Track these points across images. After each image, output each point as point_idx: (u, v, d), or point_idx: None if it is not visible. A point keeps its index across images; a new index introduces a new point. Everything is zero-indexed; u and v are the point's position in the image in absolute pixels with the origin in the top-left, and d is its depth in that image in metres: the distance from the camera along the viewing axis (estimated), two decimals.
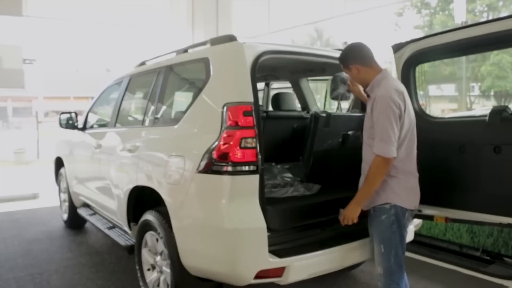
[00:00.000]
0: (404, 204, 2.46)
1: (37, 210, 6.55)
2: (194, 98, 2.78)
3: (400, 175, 2.44)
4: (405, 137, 2.41)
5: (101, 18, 10.25)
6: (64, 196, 5.33)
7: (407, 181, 2.48)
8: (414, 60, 2.96)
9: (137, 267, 3.17)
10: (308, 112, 4.32)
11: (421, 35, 6.27)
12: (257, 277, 2.35)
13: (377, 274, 2.55)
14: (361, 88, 2.82)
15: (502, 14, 14.70)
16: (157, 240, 2.87)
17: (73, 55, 34.56)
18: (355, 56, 2.52)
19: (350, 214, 2.48)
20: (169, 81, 3.25)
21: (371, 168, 2.36)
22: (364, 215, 2.92)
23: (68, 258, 4.24)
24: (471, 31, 2.61)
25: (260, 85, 5.21)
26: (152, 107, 3.34)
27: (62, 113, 4.82)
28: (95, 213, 4.51)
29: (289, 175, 3.31)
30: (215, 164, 2.36)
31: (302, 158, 3.30)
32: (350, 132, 3.20)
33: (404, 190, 2.47)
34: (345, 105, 4.15)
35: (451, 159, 2.79)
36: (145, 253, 3.07)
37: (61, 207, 5.56)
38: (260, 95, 5.18)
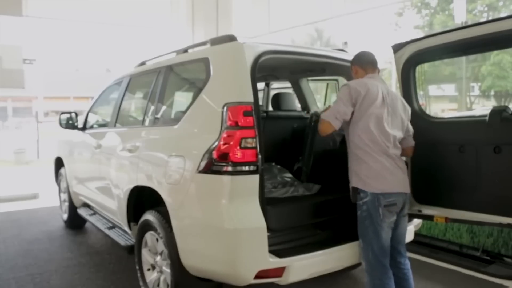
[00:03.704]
0: (369, 188, 2.51)
1: (37, 210, 6.54)
2: (194, 98, 2.78)
3: (361, 160, 2.54)
4: (358, 121, 2.55)
5: (101, 18, 10.24)
6: (64, 196, 5.33)
7: (369, 165, 2.53)
8: (414, 60, 2.95)
9: (137, 267, 3.17)
10: (308, 112, 4.32)
11: (421, 35, 6.26)
12: (257, 277, 2.35)
13: (364, 269, 2.64)
14: None
15: (502, 14, 14.72)
16: (157, 240, 2.87)
17: (73, 55, 34.58)
18: (357, 60, 2.80)
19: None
20: (169, 81, 3.25)
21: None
22: None
23: (68, 258, 4.24)
24: (471, 31, 2.61)
25: (260, 85, 5.21)
26: (152, 107, 3.34)
27: (62, 113, 4.81)
28: (95, 213, 4.50)
29: (289, 175, 3.31)
30: (215, 164, 2.36)
31: (302, 158, 3.30)
32: None
33: (367, 173, 2.53)
34: None
35: (451, 159, 2.79)
36: (145, 253, 3.07)
37: (61, 207, 5.56)
38: (260, 95, 5.18)
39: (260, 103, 4.26)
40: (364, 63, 2.76)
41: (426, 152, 2.70)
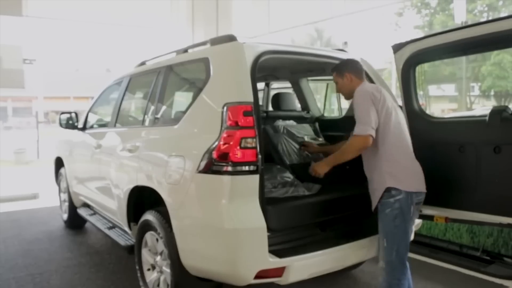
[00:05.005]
0: (403, 186, 2.48)
1: (37, 210, 6.54)
2: (194, 98, 2.78)
3: (394, 159, 2.53)
4: (388, 121, 2.54)
5: (101, 18, 10.25)
6: (64, 196, 5.33)
7: (398, 164, 2.54)
8: (414, 60, 2.95)
9: (137, 267, 3.17)
10: (308, 112, 4.32)
11: (421, 35, 6.26)
12: (257, 277, 2.35)
13: (380, 268, 2.58)
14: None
15: (502, 14, 14.72)
16: (157, 240, 2.87)
17: (73, 55, 34.65)
18: (351, 67, 2.79)
19: (317, 170, 2.74)
20: (169, 81, 3.25)
21: (348, 144, 2.58)
22: (365, 216, 2.93)
23: (68, 258, 4.24)
24: (471, 31, 2.61)
25: (260, 85, 5.20)
26: (152, 107, 3.34)
27: (62, 113, 4.82)
28: (95, 213, 4.50)
29: (289, 175, 3.30)
30: (215, 164, 2.36)
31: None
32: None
33: (401, 172, 2.52)
34: (346, 105, 4.16)
35: (451, 159, 2.79)
36: (145, 253, 3.07)
37: (61, 207, 5.56)
38: (260, 95, 5.17)
39: (260, 103, 4.26)
40: (359, 72, 2.78)
41: (426, 152, 2.70)
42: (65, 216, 5.37)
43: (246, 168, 2.34)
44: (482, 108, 15.05)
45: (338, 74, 2.81)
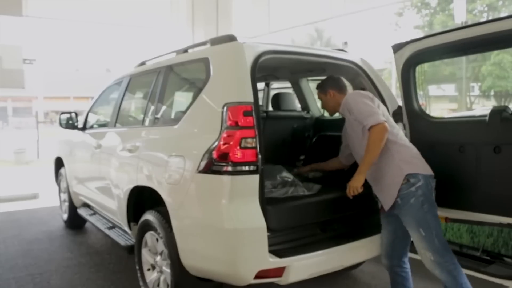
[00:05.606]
0: (420, 170, 2.52)
1: (37, 210, 6.54)
2: (194, 98, 2.78)
3: (401, 147, 2.58)
4: (388, 116, 2.70)
5: (101, 18, 10.25)
6: (64, 196, 5.33)
7: (409, 150, 2.61)
8: (414, 60, 2.95)
9: (137, 267, 3.17)
10: (308, 112, 4.32)
11: (421, 35, 6.26)
12: (257, 277, 2.36)
13: (430, 261, 2.51)
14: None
15: (502, 14, 14.73)
16: (157, 240, 2.87)
17: (73, 55, 34.71)
18: (333, 84, 2.91)
19: (354, 184, 2.57)
20: (169, 81, 3.25)
21: (370, 138, 2.50)
22: (365, 216, 2.93)
23: (68, 258, 4.24)
24: (471, 31, 2.60)
25: (260, 85, 5.20)
26: (152, 107, 3.33)
27: (62, 113, 4.82)
28: (95, 213, 4.50)
29: (289, 175, 3.30)
30: (215, 164, 2.36)
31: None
32: None
33: (414, 158, 2.58)
34: None
35: (451, 159, 2.79)
36: (145, 253, 3.07)
37: (61, 207, 5.56)
38: (260, 95, 5.17)
39: (260, 103, 4.26)
40: (342, 88, 2.90)
41: (426, 152, 2.70)
42: (65, 216, 5.37)
43: (246, 168, 2.34)
44: (482, 108, 15.06)
45: (321, 91, 2.93)
